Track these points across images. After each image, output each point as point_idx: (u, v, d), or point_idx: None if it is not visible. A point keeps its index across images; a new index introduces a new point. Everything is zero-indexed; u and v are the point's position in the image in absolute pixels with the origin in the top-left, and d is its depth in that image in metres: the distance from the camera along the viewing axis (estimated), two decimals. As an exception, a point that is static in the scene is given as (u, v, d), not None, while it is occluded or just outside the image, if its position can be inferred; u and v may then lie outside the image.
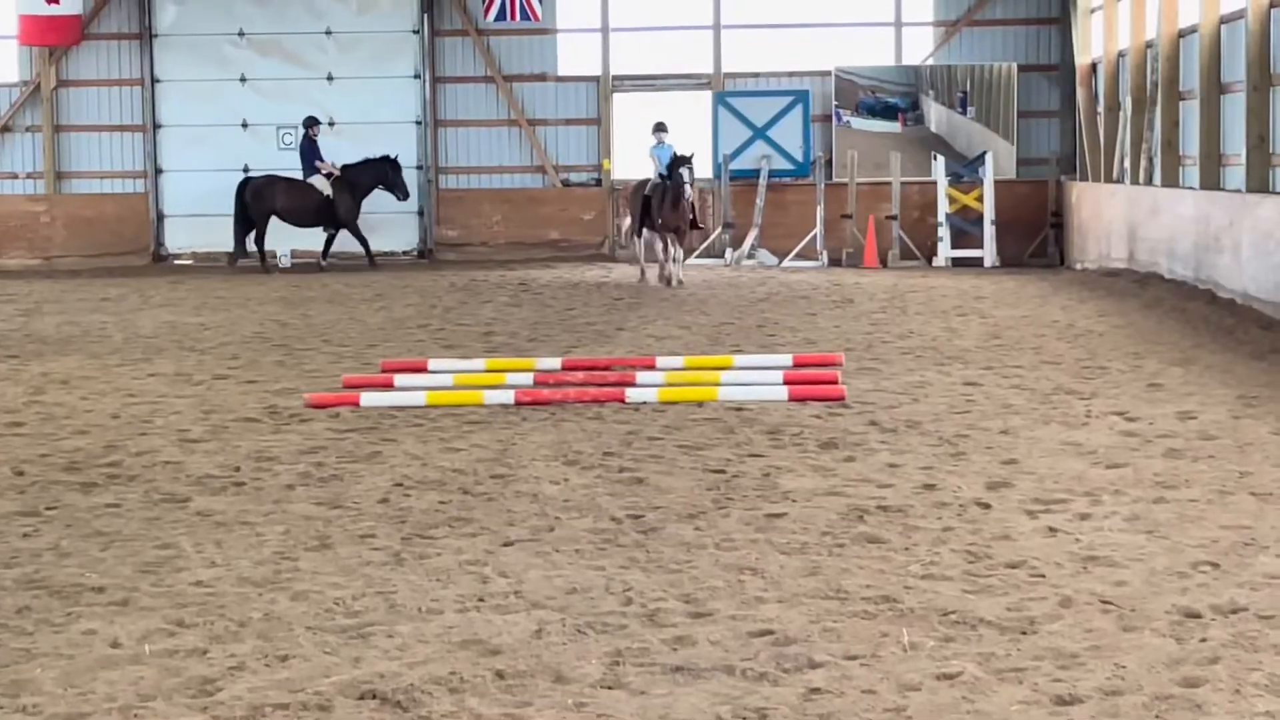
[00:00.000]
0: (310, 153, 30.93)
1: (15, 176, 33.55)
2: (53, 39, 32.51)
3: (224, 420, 13.23)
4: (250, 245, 30.95)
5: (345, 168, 30.80)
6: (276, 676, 6.55)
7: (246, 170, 32.78)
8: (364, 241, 30.87)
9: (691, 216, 26.13)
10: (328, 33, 32.78)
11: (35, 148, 33.35)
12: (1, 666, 6.72)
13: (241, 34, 32.97)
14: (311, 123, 31.22)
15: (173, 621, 7.33)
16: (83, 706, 6.21)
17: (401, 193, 30.99)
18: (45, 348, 18.62)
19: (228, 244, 32.79)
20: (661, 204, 25.93)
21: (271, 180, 30.97)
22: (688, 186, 25.65)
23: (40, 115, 33.19)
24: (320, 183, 30.64)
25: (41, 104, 33.14)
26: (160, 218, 33.48)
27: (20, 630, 7.25)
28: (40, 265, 32.82)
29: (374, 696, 6.26)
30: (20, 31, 32.31)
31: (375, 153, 31.50)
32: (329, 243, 31.14)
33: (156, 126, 33.28)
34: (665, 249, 26.31)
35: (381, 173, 30.78)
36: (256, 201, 30.65)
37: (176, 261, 33.11)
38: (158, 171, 33.36)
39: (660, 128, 27.05)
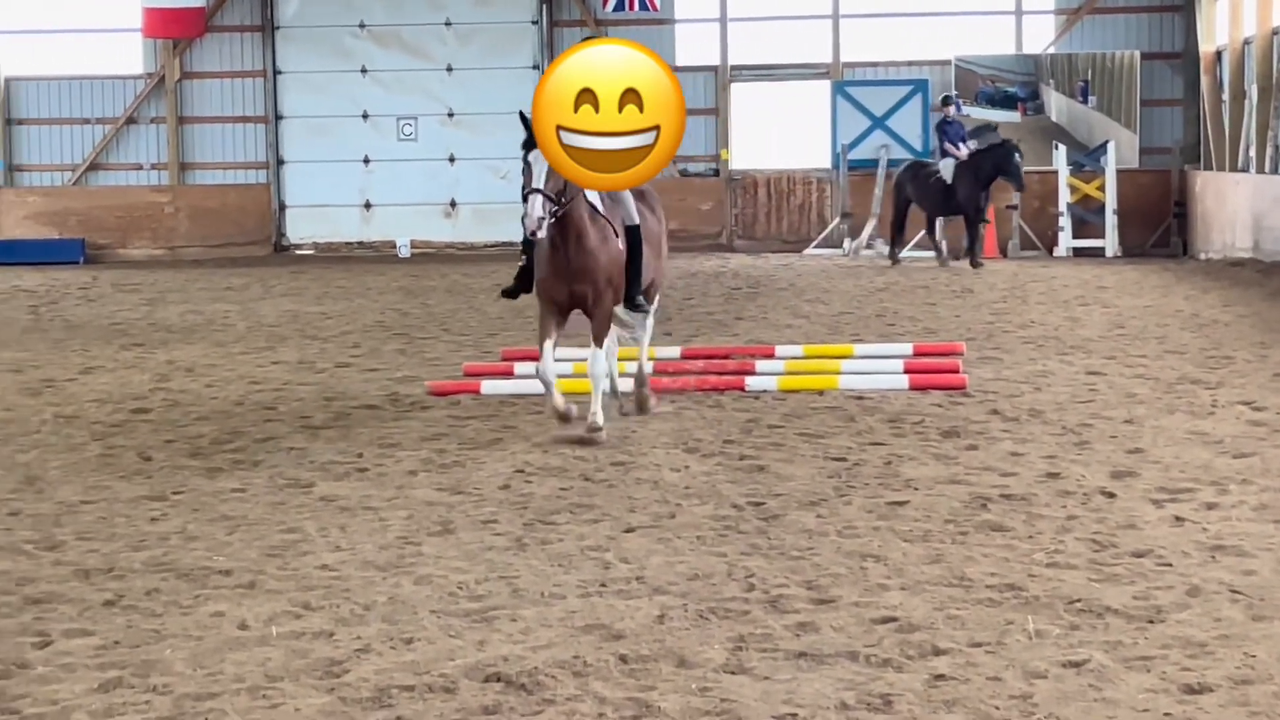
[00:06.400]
0: (941, 136, 28.01)
1: (140, 168, 33.96)
2: (176, 31, 32.90)
3: (346, 407, 13.33)
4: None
5: (972, 154, 27.89)
6: (402, 659, 6.59)
7: (367, 161, 33.12)
8: (976, 237, 27.72)
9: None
10: (447, 24, 32.96)
11: (159, 139, 33.75)
12: (132, 647, 6.81)
13: (362, 26, 33.22)
14: (946, 101, 28.49)
15: (299, 604, 7.40)
16: (211, 687, 6.27)
17: (1018, 182, 27.93)
18: (170, 336, 18.84)
19: (347, 234, 33.20)
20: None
21: (911, 168, 28.60)
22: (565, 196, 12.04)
23: (164, 107, 33.59)
24: (945, 169, 27.85)
25: (165, 96, 33.53)
26: (282, 208, 33.78)
27: (150, 612, 7.34)
28: (164, 255, 33.22)
29: (498, 679, 6.28)
30: (145, 24, 32.76)
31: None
32: (972, 239, 27.76)
33: (278, 118, 33.60)
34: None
35: (1001, 160, 27.28)
36: (897, 191, 28.54)
37: (298, 251, 33.39)
38: (279, 162, 33.67)
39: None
